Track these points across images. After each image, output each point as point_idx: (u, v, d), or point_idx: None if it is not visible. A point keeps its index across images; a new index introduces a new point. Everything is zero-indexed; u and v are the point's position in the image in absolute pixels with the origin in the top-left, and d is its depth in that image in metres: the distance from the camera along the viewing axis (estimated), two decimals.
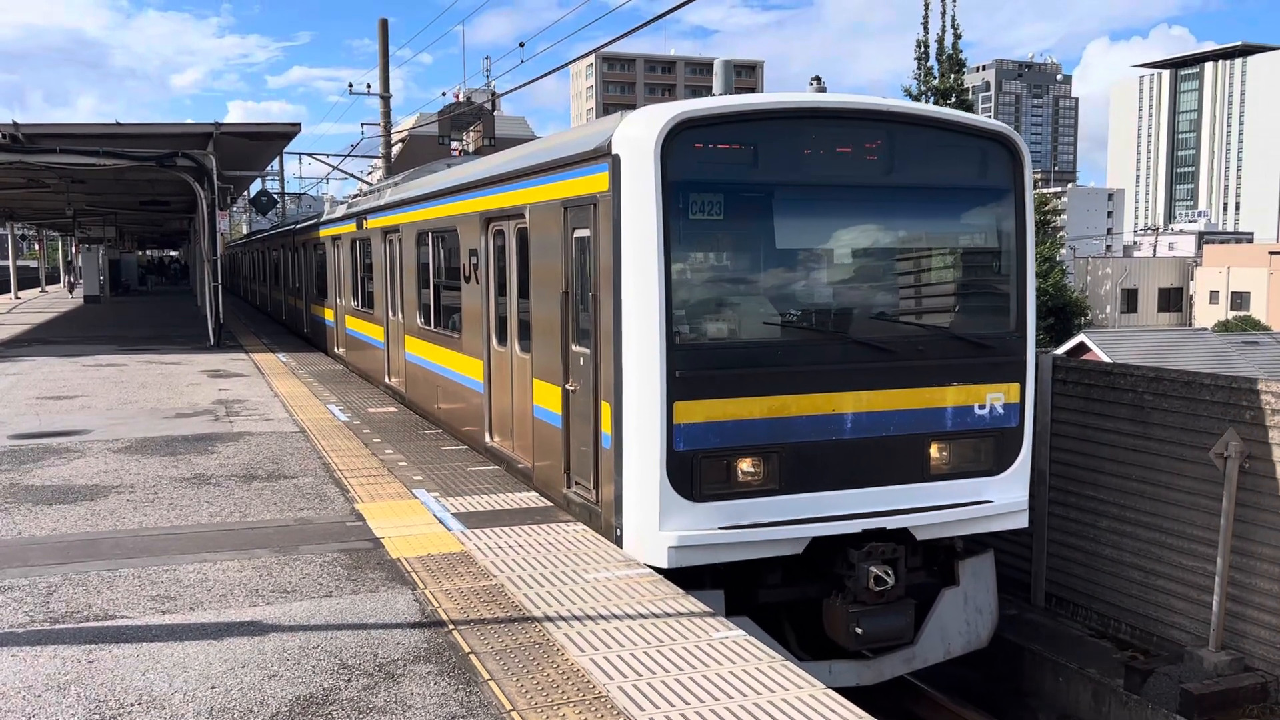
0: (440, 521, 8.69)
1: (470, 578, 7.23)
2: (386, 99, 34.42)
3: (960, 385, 8.32)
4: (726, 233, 7.92)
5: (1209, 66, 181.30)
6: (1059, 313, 42.99)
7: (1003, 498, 8.54)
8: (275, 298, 34.59)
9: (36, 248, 70.73)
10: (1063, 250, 66.66)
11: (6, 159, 23.20)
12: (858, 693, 7.54)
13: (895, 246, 8.61)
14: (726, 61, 9.08)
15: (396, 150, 40.48)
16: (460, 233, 11.92)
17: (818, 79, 8.84)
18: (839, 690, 5.61)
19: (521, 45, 31.30)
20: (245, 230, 66.06)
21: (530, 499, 9.44)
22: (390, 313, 16.27)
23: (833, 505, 7.91)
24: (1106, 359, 27.69)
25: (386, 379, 16.70)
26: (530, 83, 36.27)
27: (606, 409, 7.99)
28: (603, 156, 7.90)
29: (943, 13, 22.77)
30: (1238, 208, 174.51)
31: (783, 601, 8.27)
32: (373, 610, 6.63)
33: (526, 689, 5.41)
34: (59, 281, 70.22)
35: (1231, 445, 8.68)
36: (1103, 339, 34.64)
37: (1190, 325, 61.57)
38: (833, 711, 5.16)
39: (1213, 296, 68.41)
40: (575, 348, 8.65)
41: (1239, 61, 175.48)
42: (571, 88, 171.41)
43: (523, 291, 10.04)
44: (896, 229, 8.56)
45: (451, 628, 6.28)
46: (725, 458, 7.65)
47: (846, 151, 8.10)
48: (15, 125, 21.89)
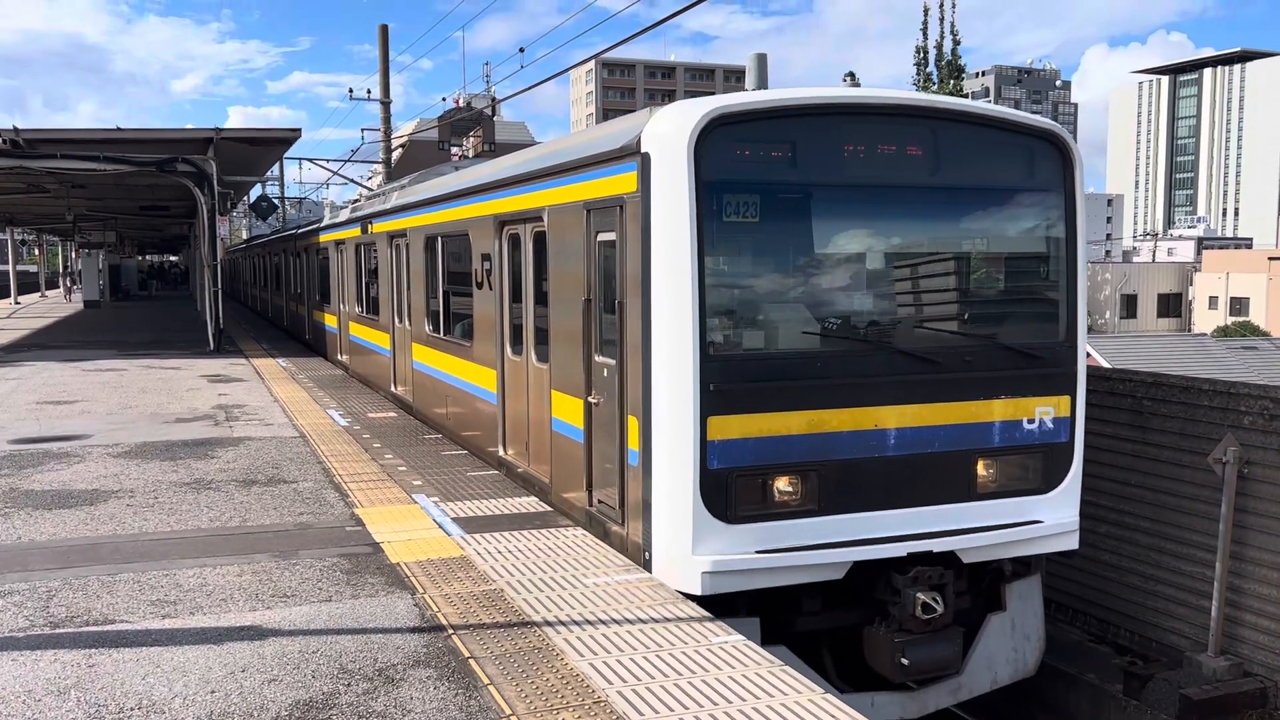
0: (440, 526, 8.69)
1: (470, 582, 7.23)
2: (387, 104, 34.46)
3: (1008, 398, 7.89)
4: (762, 236, 7.46)
5: (1208, 73, 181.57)
6: None
7: (1053, 517, 8.10)
8: (276, 303, 34.25)
9: (36, 253, 70.79)
10: None
11: (7, 164, 23.24)
12: None
13: (940, 251, 8.18)
14: (761, 55, 8.64)
15: (396, 155, 40.54)
16: (472, 237, 11.50)
17: (851, 75, 8.36)
18: None
19: (521, 51, 31.39)
20: (245, 235, 66.09)
21: (529, 504, 9.45)
22: (396, 319, 15.89)
23: (875, 526, 7.49)
24: (1106, 364, 27.70)
25: (392, 387, 16.32)
26: (530, 88, 36.37)
27: (634, 424, 7.55)
28: (630, 155, 7.48)
29: (941, 19, 22.77)
30: (1237, 213, 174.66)
31: (821, 629, 7.83)
32: (372, 615, 6.64)
33: (526, 694, 5.42)
34: (59, 286, 70.23)
35: (1230, 451, 8.70)
36: (1102, 344, 34.62)
37: (1189, 331, 61.63)
38: (833, 718, 5.17)
39: (1212, 302, 68.45)
40: (598, 358, 8.22)
41: (1238, 67, 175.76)
42: (571, 93, 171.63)
43: (540, 298, 9.66)
44: (941, 232, 8.16)
45: (451, 632, 6.29)
46: (761, 476, 7.25)
47: (889, 150, 7.67)
48: (16, 130, 21.93)
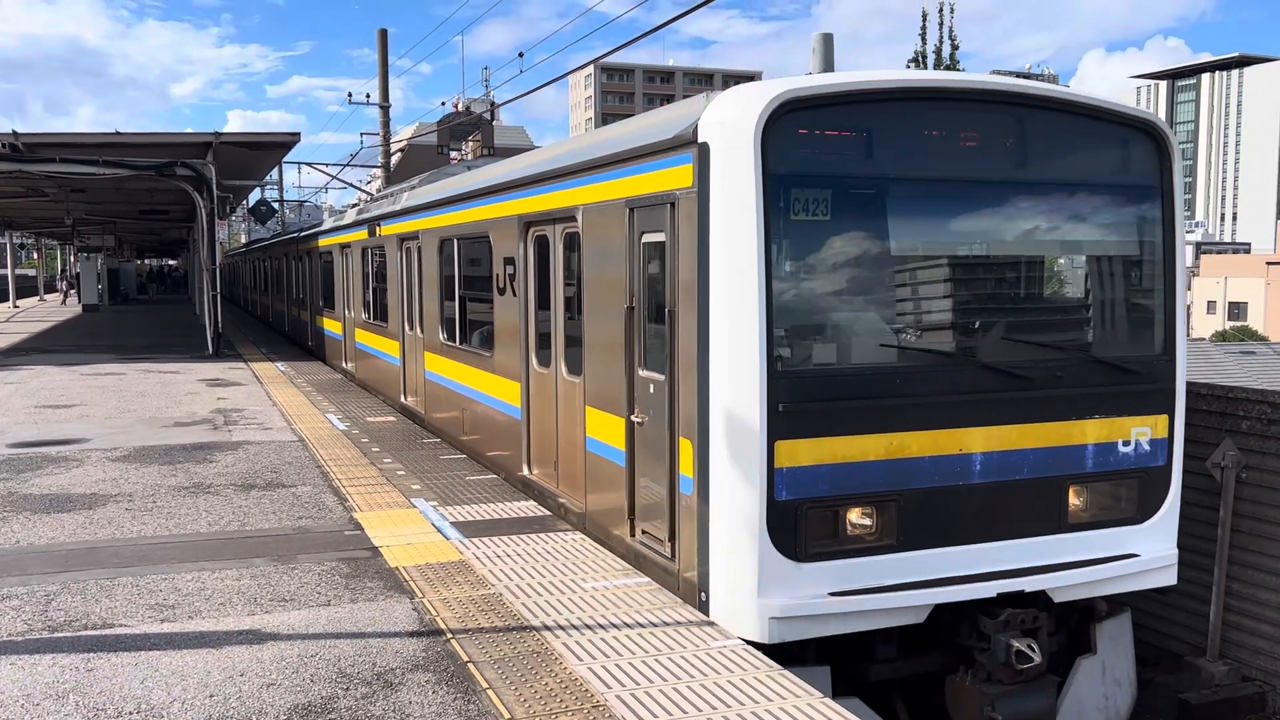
0: (438, 530, 8.69)
1: (468, 586, 7.23)
2: (386, 109, 34.49)
3: (1103, 418, 7.14)
4: (834, 237, 6.70)
5: (1205, 78, 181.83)
6: None
7: (1150, 550, 7.30)
8: (278, 308, 33.76)
9: (35, 256, 70.81)
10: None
11: (6, 168, 23.25)
12: None
13: (1028, 253, 7.40)
14: (826, 36, 7.86)
15: (395, 160, 40.56)
16: (493, 239, 10.81)
17: (916, 59, 7.68)
18: None
19: (521, 55, 31.48)
20: (244, 239, 66.12)
21: (528, 508, 9.45)
22: (406, 326, 15.19)
23: (959, 564, 6.77)
24: None
25: (402, 397, 15.58)
26: (529, 93, 36.50)
27: (687, 447, 6.82)
28: (684, 146, 6.74)
29: (940, 24, 22.79)
30: (1235, 218, 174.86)
31: (897, 678, 7.13)
32: (371, 619, 6.64)
33: (525, 698, 5.42)
34: (56, 290, 70.25)
35: (1229, 456, 8.70)
36: None
37: (1188, 335, 61.64)
38: None
39: (1210, 307, 68.56)
40: (643, 373, 7.50)
41: (1235, 73, 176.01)
42: (570, 98, 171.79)
43: (572, 305, 8.91)
44: (1030, 233, 7.30)
45: (450, 636, 6.29)
46: (835, 508, 6.51)
47: (975, 141, 6.94)
48: (15, 134, 21.95)
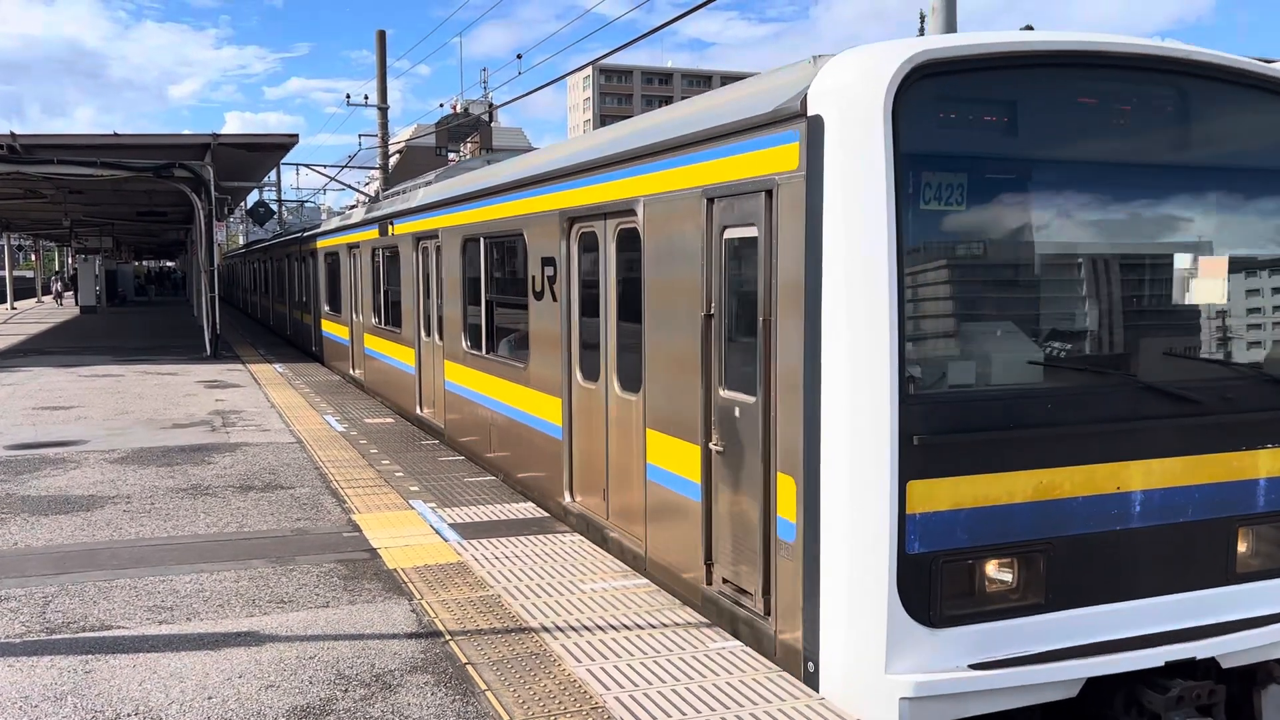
0: (437, 532, 8.69)
1: (467, 588, 7.23)
2: (384, 110, 34.49)
3: (1277, 447, 6.04)
4: (973, 231, 5.59)
5: None
6: None
7: None
8: (279, 311, 33.00)
9: (33, 258, 70.80)
10: None
11: (4, 169, 23.27)
12: None
13: (1198, 252, 6.15)
14: None
15: (394, 161, 40.55)
16: (528, 237, 9.71)
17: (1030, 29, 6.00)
18: None
19: (519, 57, 31.62)
20: (242, 241, 66.10)
21: (527, 509, 9.45)
22: (423, 332, 14.16)
23: (1117, 624, 5.63)
24: None
25: (418, 409, 14.51)
26: (528, 94, 36.56)
27: (788, 485, 5.75)
28: (788, 121, 5.62)
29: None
30: None
31: None
32: (370, 621, 6.63)
33: (523, 699, 5.41)
34: (51, 292, 70.29)
35: None
36: None
37: None
38: None
39: None
40: (725, 393, 6.43)
41: None
42: (569, 99, 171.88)
43: (627, 312, 7.90)
44: (1200, 227, 6.12)
45: (448, 638, 6.29)
46: (975, 561, 5.40)
47: (1144, 117, 5.83)
48: (13, 135, 21.96)
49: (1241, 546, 5.99)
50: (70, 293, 59.51)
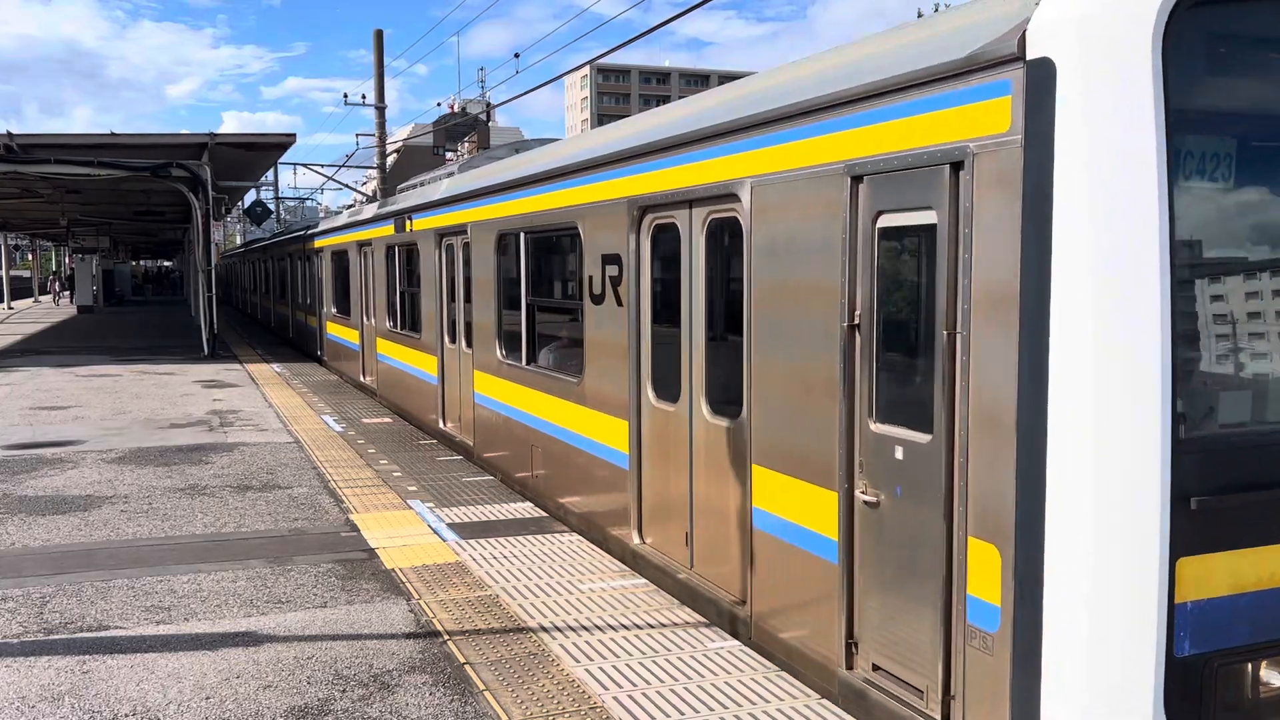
0: (435, 532, 8.68)
1: (465, 588, 7.22)
2: (382, 109, 34.47)
3: None
4: (1248, 216, 4.39)
5: None
6: None
7: None
8: (281, 312, 31.77)
9: (30, 258, 70.75)
10: None
11: (1, 169, 23.22)
12: None
13: None
14: None
15: (391, 160, 40.53)
16: (585, 230, 8.42)
17: None
18: None
19: (516, 56, 31.53)
20: (239, 241, 66.06)
21: (525, 509, 9.43)
22: (447, 339, 12.94)
23: None
24: None
25: (441, 423, 13.26)
26: (525, 94, 36.48)
27: (987, 556, 4.37)
28: (994, 67, 4.24)
29: None
30: None
31: None
32: (367, 621, 6.63)
33: (522, 699, 5.41)
34: (48, 292, 70.23)
35: None
36: None
37: None
38: None
39: None
40: (879, 427, 5.04)
41: None
42: (566, 99, 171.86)
43: (723, 320, 6.70)
44: None
45: (447, 638, 6.28)
46: (1253, 661, 4.22)
47: None
48: (10, 135, 21.93)
49: None
50: (67, 292, 59.48)
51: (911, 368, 4.92)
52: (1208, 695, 4.07)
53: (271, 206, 47.03)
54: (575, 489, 8.95)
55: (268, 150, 26.76)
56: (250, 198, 40.50)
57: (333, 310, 21.45)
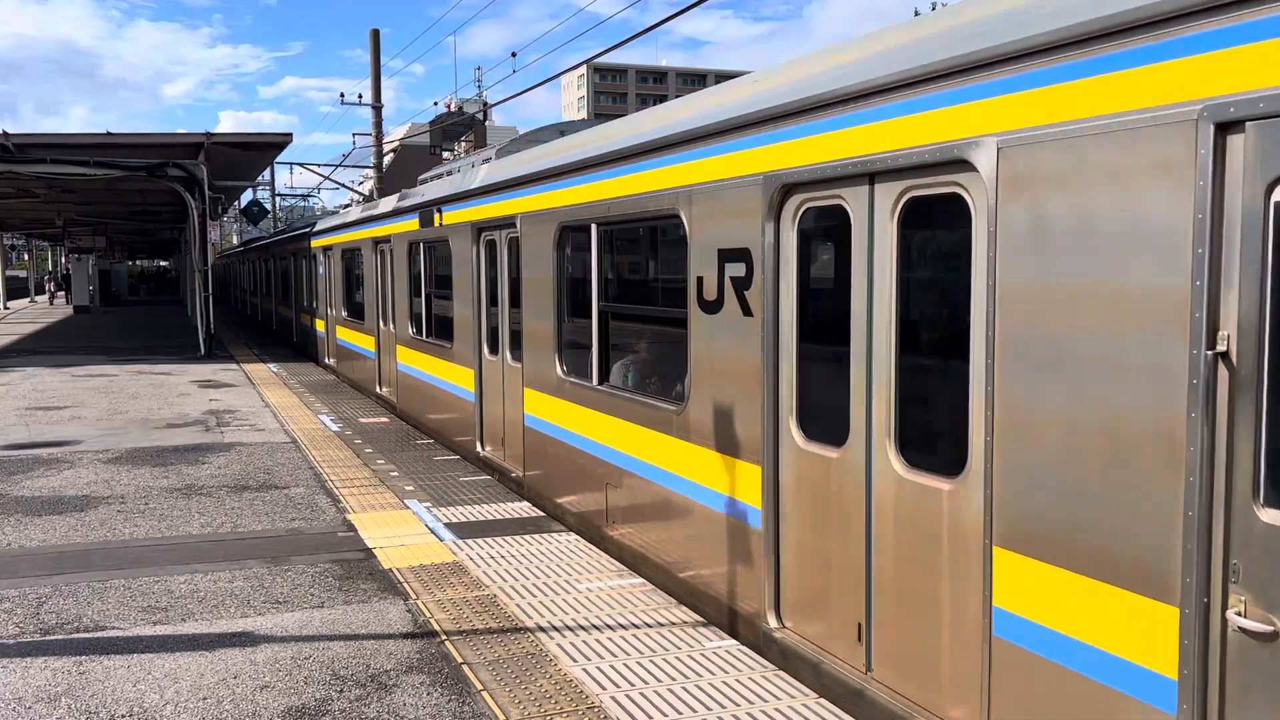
0: (432, 532, 8.67)
1: (463, 588, 7.21)
2: (378, 109, 34.44)
3: None
4: None
5: None
6: None
7: None
8: (283, 314, 30.33)
9: (26, 258, 70.64)
10: None
11: None
12: None
13: None
14: None
15: (388, 160, 40.50)
16: (690, 220, 6.70)
17: None
18: None
19: (513, 55, 31.46)
20: (236, 240, 65.99)
21: (522, 509, 9.42)
22: (487, 350, 11.33)
23: None
24: None
25: (479, 447, 11.61)
26: (522, 93, 36.53)
27: None
28: None
29: None
30: None
31: None
32: (365, 621, 6.61)
33: (519, 700, 5.40)
34: (44, 292, 70.17)
35: None
36: None
37: None
38: None
39: None
40: (1271, 514, 3.28)
41: None
42: (563, 98, 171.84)
43: (924, 338, 5.05)
44: None
45: (444, 638, 6.27)
46: None
47: None
48: (5, 135, 21.90)
49: None
50: (63, 292, 59.39)
51: None
52: None
53: (268, 206, 47.00)
54: (676, 547, 7.22)
55: (264, 150, 26.72)
56: (247, 197, 40.49)
57: (343, 314, 19.89)
